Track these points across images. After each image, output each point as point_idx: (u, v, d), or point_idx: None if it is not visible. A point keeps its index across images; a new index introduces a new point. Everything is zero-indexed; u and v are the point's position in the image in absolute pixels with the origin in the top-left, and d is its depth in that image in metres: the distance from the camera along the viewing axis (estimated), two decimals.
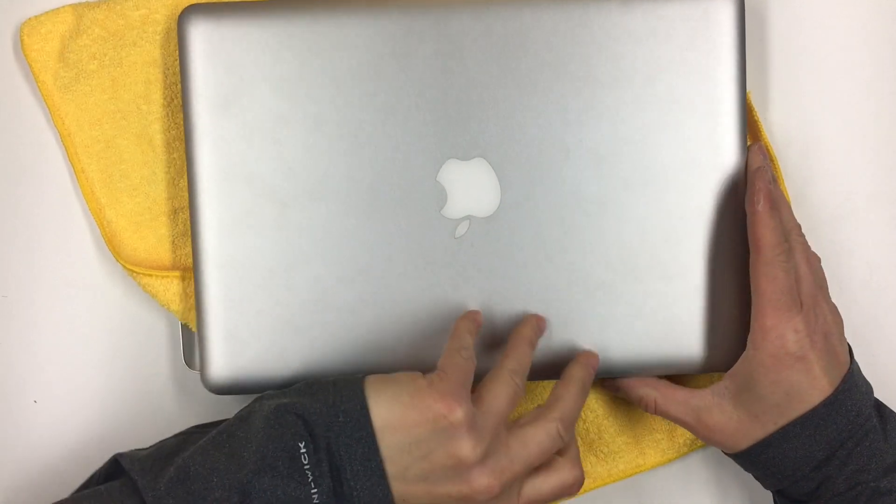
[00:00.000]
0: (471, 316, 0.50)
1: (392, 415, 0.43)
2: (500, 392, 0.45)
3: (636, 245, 0.53)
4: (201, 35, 0.53)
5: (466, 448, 0.42)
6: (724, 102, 0.53)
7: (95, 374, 0.58)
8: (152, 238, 0.57)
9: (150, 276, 0.56)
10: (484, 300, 0.53)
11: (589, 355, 0.51)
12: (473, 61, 0.52)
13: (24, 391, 0.58)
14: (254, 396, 0.49)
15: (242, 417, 0.46)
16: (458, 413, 0.42)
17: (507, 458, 0.44)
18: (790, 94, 0.58)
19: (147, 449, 0.48)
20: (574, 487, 0.47)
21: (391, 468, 0.43)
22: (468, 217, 0.53)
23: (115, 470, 0.47)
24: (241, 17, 0.53)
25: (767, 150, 0.56)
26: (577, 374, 0.49)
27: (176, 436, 0.50)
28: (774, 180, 0.52)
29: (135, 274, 0.56)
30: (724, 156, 0.53)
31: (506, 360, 0.47)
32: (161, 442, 0.49)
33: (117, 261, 0.56)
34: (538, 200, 0.53)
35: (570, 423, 0.46)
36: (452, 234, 0.53)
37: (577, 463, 0.48)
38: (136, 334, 0.58)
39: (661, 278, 0.53)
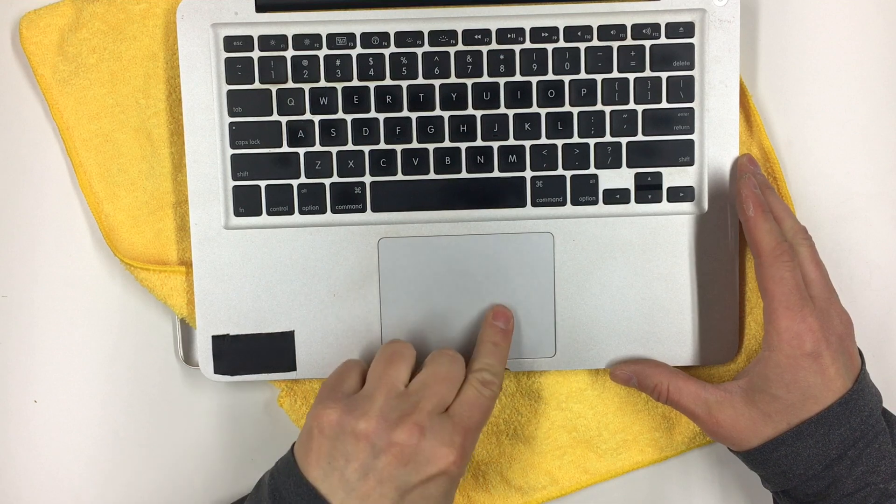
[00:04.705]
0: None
1: (299, 448, 0.47)
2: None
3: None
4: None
5: (334, 418, 0.46)
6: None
7: (95, 374, 0.58)
8: (150, 232, 0.56)
9: (148, 270, 0.55)
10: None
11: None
12: None
13: (24, 391, 0.58)
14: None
15: None
16: (326, 415, 0.46)
17: (404, 404, 0.46)
18: (790, 94, 0.58)
19: None
20: (488, 379, 0.49)
21: (332, 488, 0.45)
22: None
23: None
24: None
25: (767, 151, 0.56)
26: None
27: None
28: (767, 185, 0.53)
29: (132, 268, 0.55)
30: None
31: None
32: None
33: (115, 255, 0.56)
34: None
35: (494, 374, 0.50)
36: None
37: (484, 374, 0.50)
38: (135, 333, 0.58)
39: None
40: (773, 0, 0.58)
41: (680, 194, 0.54)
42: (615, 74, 0.54)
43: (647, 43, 0.54)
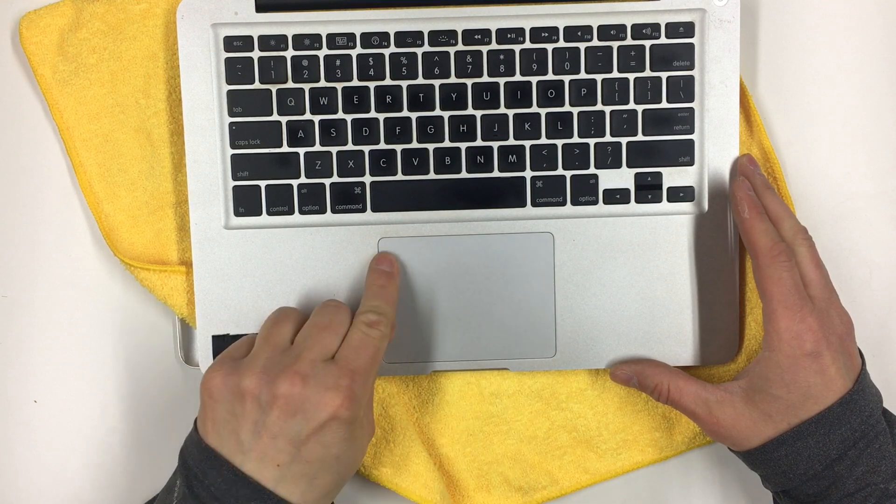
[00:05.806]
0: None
1: (199, 419, 0.47)
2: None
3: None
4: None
5: (219, 381, 0.46)
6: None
7: (95, 374, 0.58)
8: (150, 232, 0.56)
9: (148, 270, 0.55)
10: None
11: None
12: None
13: (24, 391, 0.58)
14: None
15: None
16: (212, 380, 0.46)
17: (287, 358, 0.46)
18: (790, 94, 0.58)
19: None
20: (374, 319, 0.48)
21: (231, 451, 0.45)
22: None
23: None
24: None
25: (767, 151, 0.56)
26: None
27: None
28: (767, 185, 0.53)
29: (132, 268, 0.55)
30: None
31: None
32: None
33: (115, 255, 0.56)
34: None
35: (381, 314, 0.49)
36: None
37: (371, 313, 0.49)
38: (135, 333, 0.58)
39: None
40: (773, 0, 0.58)
41: (680, 194, 0.55)
42: (615, 74, 0.54)
43: (647, 43, 0.54)
